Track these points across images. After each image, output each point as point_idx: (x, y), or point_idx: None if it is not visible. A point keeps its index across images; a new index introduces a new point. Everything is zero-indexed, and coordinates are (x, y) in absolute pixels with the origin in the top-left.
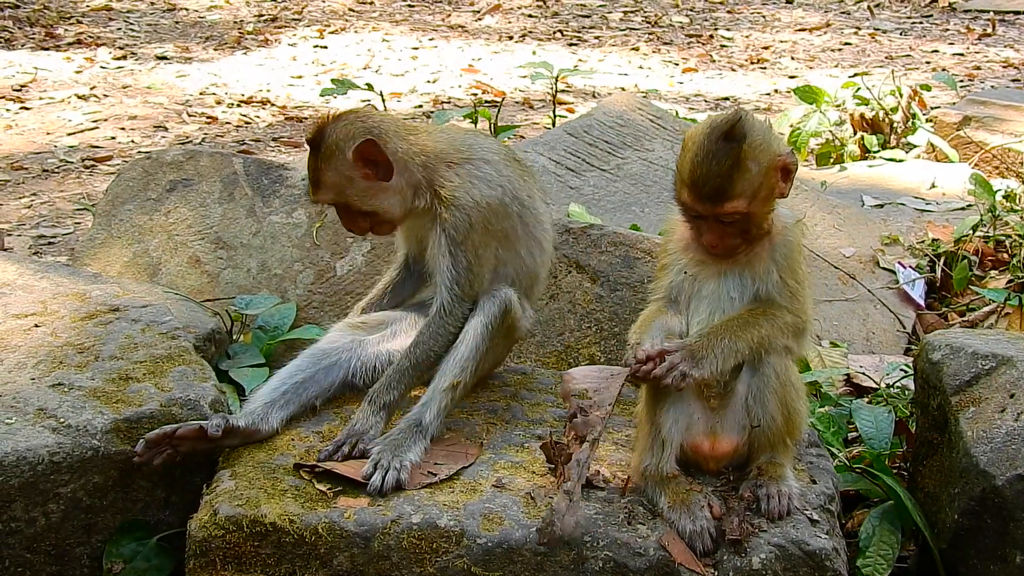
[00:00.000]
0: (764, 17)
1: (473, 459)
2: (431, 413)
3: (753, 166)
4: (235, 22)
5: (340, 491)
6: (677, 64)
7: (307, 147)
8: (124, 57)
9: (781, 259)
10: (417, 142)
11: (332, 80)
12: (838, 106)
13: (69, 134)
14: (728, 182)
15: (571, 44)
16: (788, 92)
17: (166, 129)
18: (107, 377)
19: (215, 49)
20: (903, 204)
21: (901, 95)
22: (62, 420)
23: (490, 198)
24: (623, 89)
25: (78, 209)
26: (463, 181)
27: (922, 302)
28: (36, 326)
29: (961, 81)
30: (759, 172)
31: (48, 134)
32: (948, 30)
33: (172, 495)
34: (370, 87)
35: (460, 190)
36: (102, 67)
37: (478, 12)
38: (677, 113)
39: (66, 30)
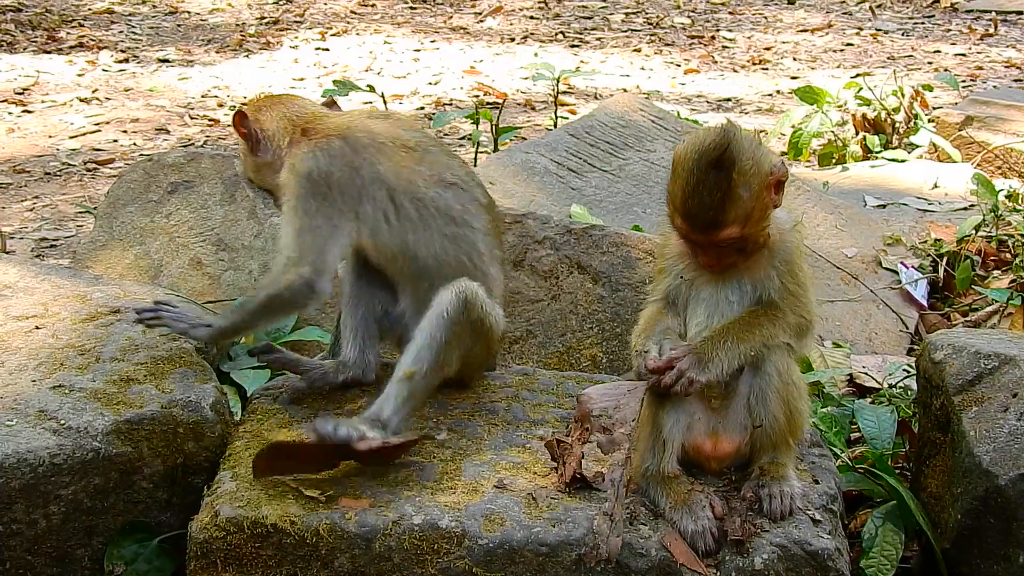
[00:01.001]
0: (766, 18)
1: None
2: (390, 408)
3: (744, 192)
4: (237, 25)
5: (341, 493)
6: (679, 65)
7: None
8: (126, 60)
9: (781, 264)
10: (300, 122)
11: (334, 82)
12: (840, 107)
13: (71, 137)
14: (721, 213)
15: (573, 46)
16: (790, 93)
17: (168, 132)
18: (108, 379)
19: (217, 52)
20: (905, 204)
21: (903, 95)
22: (63, 422)
23: (322, 171)
24: (625, 90)
25: (80, 212)
26: (304, 153)
27: (925, 302)
28: (37, 328)
29: (963, 81)
30: (751, 196)
31: (50, 137)
32: (950, 30)
33: (173, 497)
34: (371, 88)
35: (296, 159)
36: (104, 70)
37: (480, 14)
38: (679, 114)
39: (68, 33)
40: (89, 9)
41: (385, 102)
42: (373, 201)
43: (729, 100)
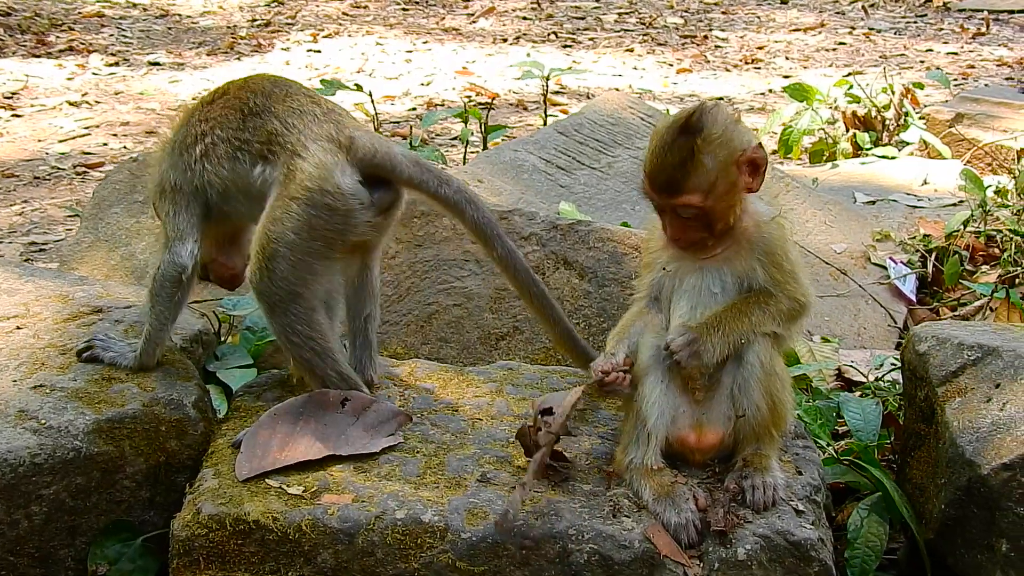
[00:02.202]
0: (759, 17)
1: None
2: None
3: (708, 160)
4: (228, 27)
5: (324, 489)
6: (672, 65)
7: None
8: (116, 63)
9: (763, 256)
10: None
11: (321, 81)
12: (830, 104)
13: (61, 141)
14: (681, 174)
15: (565, 46)
16: (783, 92)
17: (158, 135)
18: (89, 378)
19: (208, 55)
20: (895, 201)
21: (893, 93)
22: (43, 422)
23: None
24: (617, 90)
25: (69, 216)
26: None
27: (913, 297)
28: (18, 328)
29: (955, 80)
30: (715, 167)
31: (40, 141)
32: (942, 29)
33: (156, 495)
34: (359, 88)
35: None
36: (94, 73)
37: (472, 15)
38: (668, 111)
39: (58, 37)
40: (79, 13)
41: (373, 101)
42: (171, 179)
43: (722, 99)
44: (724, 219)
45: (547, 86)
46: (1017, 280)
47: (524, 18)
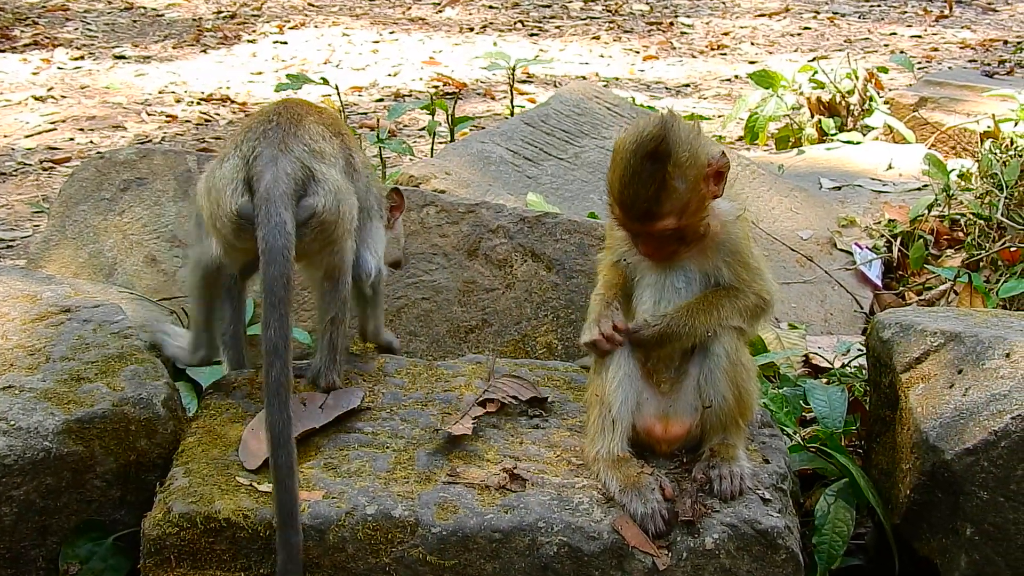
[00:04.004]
0: (724, 3)
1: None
2: None
3: (680, 184)
4: (193, 20)
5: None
6: (638, 52)
7: None
8: (82, 57)
9: (728, 256)
10: None
11: (287, 75)
12: (795, 90)
13: (27, 136)
14: (655, 204)
15: (532, 34)
16: (748, 78)
17: (125, 129)
18: (58, 378)
19: (174, 47)
20: (860, 186)
21: (857, 78)
22: (12, 423)
23: None
24: (584, 78)
25: (36, 212)
26: None
27: (879, 282)
28: None
29: (919, 63)
30: (687, 188)
31: (5, 137)
32: (906, 12)
33: (127, 494)
34: (325, 81)
35: None
36: (59, 68)
37: (438, 4)
38: (634, 100)
39: (22, 31)
40: (43, 7)
41: (339, 94)
42: None
43: (688, 86)
44: (696, 231)
45: (513, 77)
46: (981, 264)
47: (490, 7)
